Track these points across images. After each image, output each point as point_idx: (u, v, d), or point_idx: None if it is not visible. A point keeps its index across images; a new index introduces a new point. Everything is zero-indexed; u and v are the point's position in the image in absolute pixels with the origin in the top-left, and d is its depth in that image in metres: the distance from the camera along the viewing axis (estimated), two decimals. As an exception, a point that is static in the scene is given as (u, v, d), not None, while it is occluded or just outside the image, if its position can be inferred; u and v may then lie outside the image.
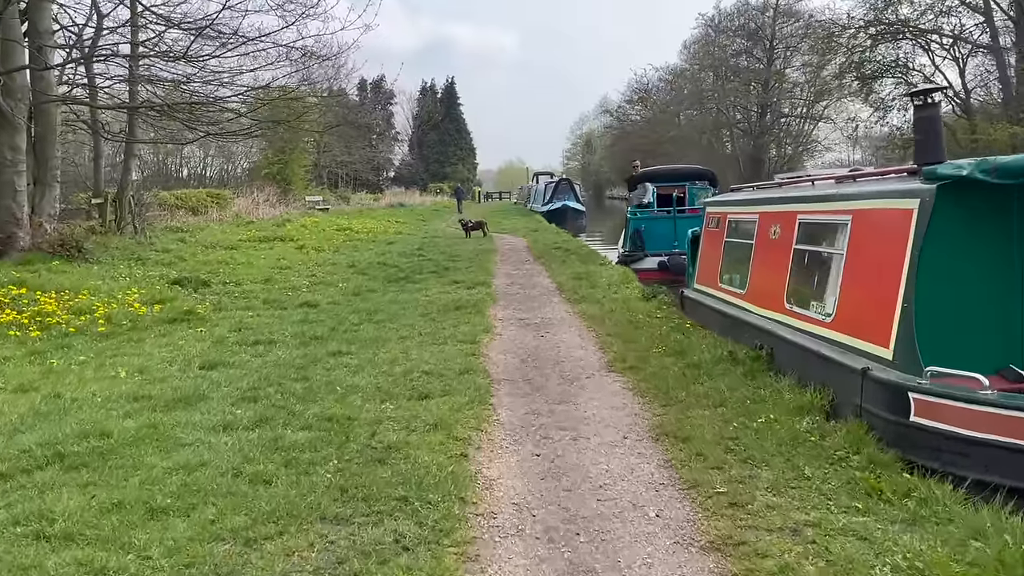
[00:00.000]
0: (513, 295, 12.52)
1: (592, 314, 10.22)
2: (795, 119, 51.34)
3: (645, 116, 69.70)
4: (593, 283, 13.09)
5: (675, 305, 10.53)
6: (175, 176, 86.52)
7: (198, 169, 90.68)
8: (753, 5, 51.47)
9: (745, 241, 8.37)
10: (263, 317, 10.39)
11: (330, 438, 5.16)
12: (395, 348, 8.22)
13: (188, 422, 5.51)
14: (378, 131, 71.24)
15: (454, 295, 12.18)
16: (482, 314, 10.38)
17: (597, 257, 18.18)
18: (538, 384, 6.91)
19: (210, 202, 30.64)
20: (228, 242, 20.21)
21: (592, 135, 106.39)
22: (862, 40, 30.08)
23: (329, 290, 12.93)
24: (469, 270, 15.67)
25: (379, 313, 10.48)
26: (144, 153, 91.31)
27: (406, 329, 9.32)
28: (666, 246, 17.44)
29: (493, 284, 13.64)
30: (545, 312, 10.81)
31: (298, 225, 26.95)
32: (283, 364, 7.51)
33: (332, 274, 15.06)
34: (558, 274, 14.86)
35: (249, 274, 14.34)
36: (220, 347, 8.41)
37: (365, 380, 6.82)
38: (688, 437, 5.12)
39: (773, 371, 6.63)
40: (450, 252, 19.70)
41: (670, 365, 7.17)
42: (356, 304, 11.39)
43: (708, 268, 9.59)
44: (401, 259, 17.81)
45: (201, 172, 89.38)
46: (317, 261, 17.24)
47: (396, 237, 25.95)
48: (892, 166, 8.03)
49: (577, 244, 21.76)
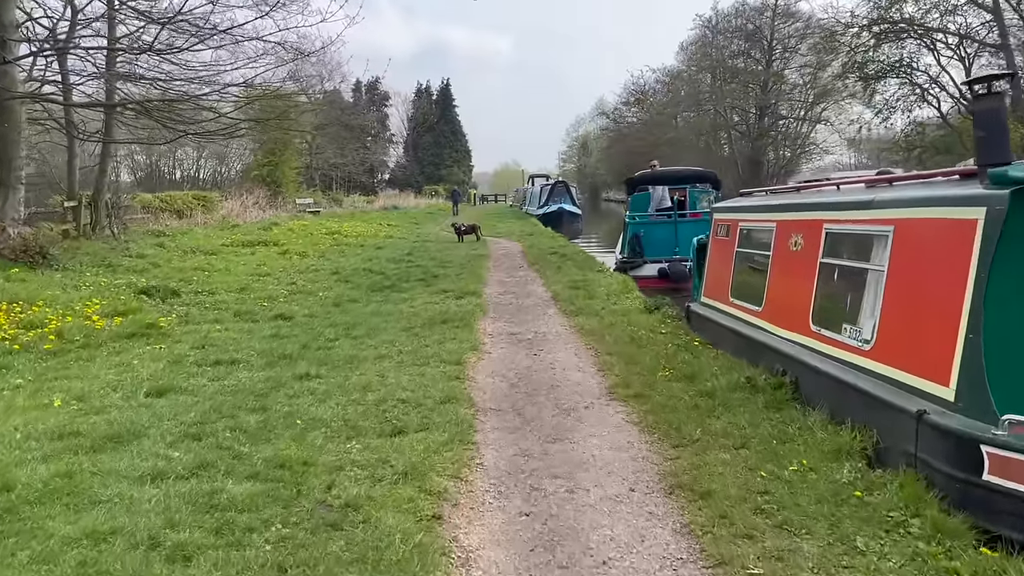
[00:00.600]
0: (505, 306, 11.67)
1: (590, 328, 9.37)
2: (794, 121, 50.62)
3: (642, 118, 68.98)
4: (591, 293, 12.25)
5: (680, 319, 9.69)
6: (168, 178, 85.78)
7: (191, 171, 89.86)
8: (752, 6, 50.78)
9: (760, 252, 7.53)
10: (231, 332, 9.51)
11: (278, 492, 4.29)
12: (371, 370, 7.36)
13: (113, 469, 4.64)
14: (372, 133, 70.42)
15: (441, 306, 11.32)
16: (470, 328, 9.53)
17: (594, 263, 17.34)
18: (530, 415, 6.06)
19: (196, 205, 29.77)
20: (209, 247, 19.34)
21: (588, 137, 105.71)
22: (866, 39, 29.32)
23: (308, 300, 12.05)
24: (459, 277, 14.81)
25: (358, 327, 9.62)
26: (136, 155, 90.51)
27: (385, 346, 8.46)
28: (666, 252, 16.62)
29: (484, 293, 12.79)
30: (539, 326, 9.96)
31: (285, 229, 26.07)
32: (241, 390, 6.64)
33: (314, 282, 14.19)
34: (553, 282, 14.01)
35: (225, 282, 13.45)
36: (176, 368, 7.53)
37: (331, 411, 5.95)
38: (708, 491, 4.26)
39: (799, 402, 5.79)
40: (441, 258, 18.83)
41: (680, 392, 6.32)
42: (334, 317, 10.52)
43: (717, 281, 8.75)
44: (388, 265, 16.94)
45: (195, 174, 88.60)
46: (300, 268, 16.37)
47: (386, 241, 25.09)
48: (898, 169, 7.35)
49: (573, 249, 20.93)
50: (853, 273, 5.67)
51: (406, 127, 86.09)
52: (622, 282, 13.29)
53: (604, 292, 12.33)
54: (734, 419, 5.51)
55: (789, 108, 51.12)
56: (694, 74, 58.86)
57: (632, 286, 12.82)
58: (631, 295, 11.90)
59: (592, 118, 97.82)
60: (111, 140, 18.55)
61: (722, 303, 8.37)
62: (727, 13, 53.76)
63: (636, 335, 8.73)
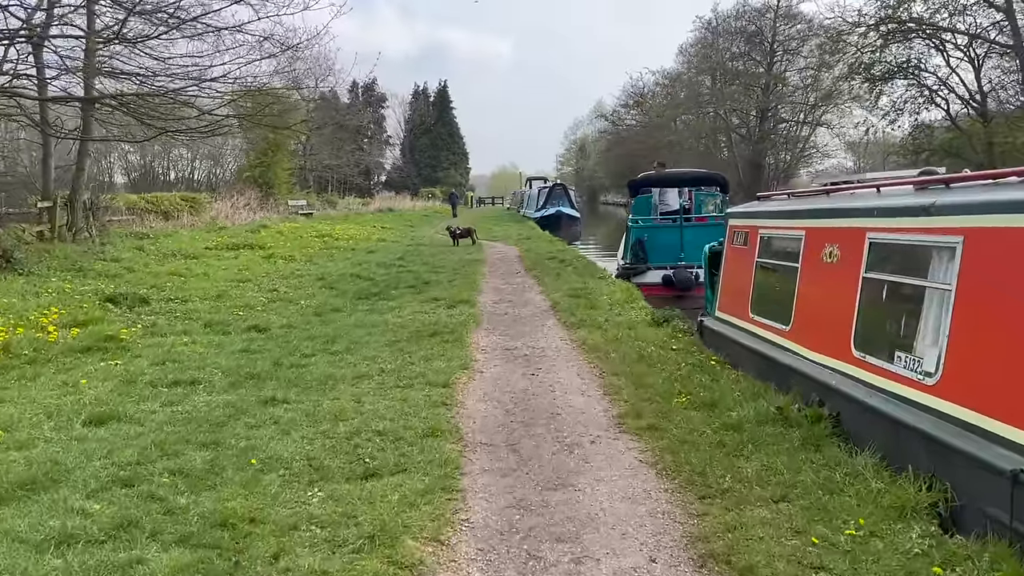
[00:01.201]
0: (501, 316, 10.82)
1: (594, 343, 8.51)
2: (795, 124, 49.90)
3: (641, 121, 68.29)
4: (593, 302, 11.40)
5: (692, 334, 8.85)
6: (162, 179, 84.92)
7: (186, 172, 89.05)
8: (753, 7, 50.08)
9: (785, 264, 6.70)
10: (198, 345, 8.64)
11: (211, 565, 3.43)
12: (346, 393, 6.50)
13: (10, 530, 3.77)
14: (368, 135, 69.65)
15: (432, 316, 10.47)
16: (462, 343, 8.67)
17: (595, 269, 16.49)
18: (526, 452, 5.20)
19: (184, 206, 28.92)
20: (192, 250, 18.49)
21: (586, 140, 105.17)
22: (873, 40, 28.56)
23: (288, 309, 11.19)
24: (452, 284, 13.96)
25: (338, 341, 8.76)
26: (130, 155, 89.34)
27: (366, 364, 7.60)
28: (671, 258, 15.79)
29: (478, 302, 11.94)
30: (537, 339, 9.11)
31: (274, 231, 25.21)
32: (195, 418, 5.78)
33: (296, 289, 13.32)
34: (553, 290, 13.16)
35: (201, 289, 12.58)
36: (127, 390, 6.67)
37: (295, 446, 5.10)
38: (750, 566, 3.41)
39: (841, 439, 4.95)
40: (433, 263, 17.98)
41: (700, 424, 5.47)
42: (314, 328, 9.65)
43: (734, 294, 7.91)
44: (378, 271, 16.08)
45: (189, 175, 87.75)
46: (284, 273, 15.50)
47: (378, 245, 24.23)
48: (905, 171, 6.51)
49: (573, 254, 20.09)
50: (907, 291, 4.83)
51: (403, 129, 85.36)
52: (626, 290, 12.45)
53: (607, 301, 11.49)
54: (768, 461, 4.66)
55: (791, 111, 50.42)
56: (694, 76, 58.17)
57: (637, 296, 11.97)
58: (636, 305, 11.06)
59: (590, 121, 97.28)
60: (87, 138, 17.64)
61: (740, 319, 7.53)
62: (728, 15, 53.13)
63: (645, 352, 7.88)
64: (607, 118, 73.70)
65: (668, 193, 17.14)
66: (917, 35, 28.33)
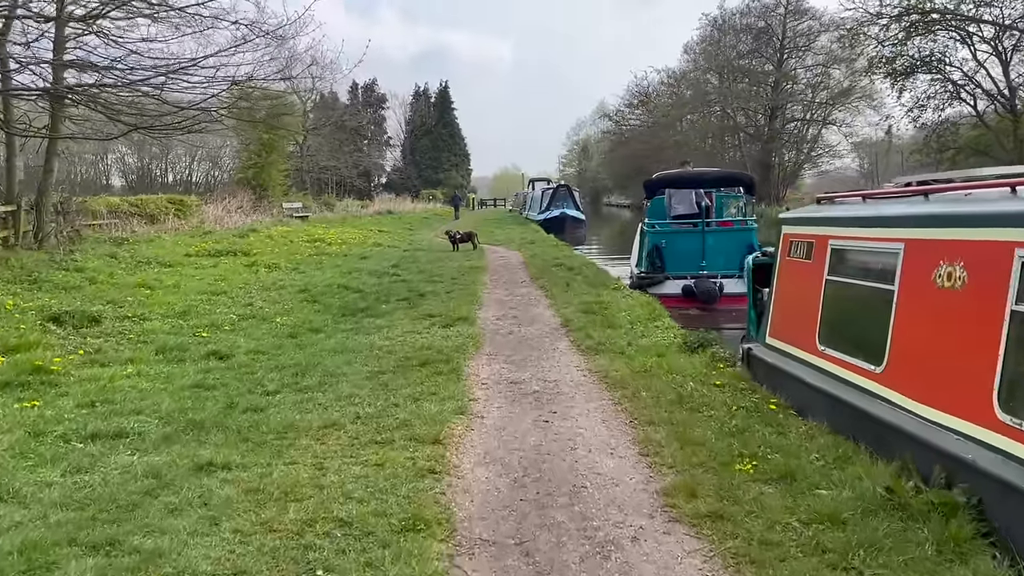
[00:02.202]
0: (504, 337, 9.36)
1: (618, 376, 7.05)
2: (806, 123, 48.42)
3: (645, 121, 66.85)
4: (610, 319, 9.93)
5: (736, 363, 7.38)
6: (160, 181, 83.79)
7: (184, 174, 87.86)
8: (763, 2, 48.58)
9: (873, 284, 5.23)
10: (143, 379, 7.19)
11: None
12: (307, 454, 5.05)
13: None
14: (368, 136, 68.33)
15: (425, 338, 9.02)
16: (459, 374, 7.22)
17: (608, 279, 15.02)
18: (544, 556, 3.73)
19: (172, 209, 27.56)
20: (170, 257, 17.09)
21: (589, 141, 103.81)
22: (895, 32, 27.08)
23: (259, 329, 9.73)
24: (450, 296, 12.51)
25: (310, 373, 7.31)
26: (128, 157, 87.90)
27: (339, 407, 6.14)
28: (691, 267, 14.35)
29: (478, 319, 10.48)
30: (549, 368, 7.64)
31: (264, 236, 23.79)
32: (99, 498, 4.32)
33: (274, 303, 11.86)
34: (563, 303, 11.70)
35: (166, 304, 11.13)
36: (28, 447, 5.21)
37: (219, 551, 3.64)
38: None
39: (991, 540, 3.50)
40: (431, 271, 16.53)
41: (781, 512, 3.99)
42: (285, 354, 8.20)
43: (793, 318, 6.45)
44: (369, 280, 14.63)
45: (187, 177, 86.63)
46: (265, 283, 14.04)
47: (373, 250, 22.79)
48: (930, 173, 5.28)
49: (581, 260, 18.62)
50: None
51: (403, 130, 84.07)
52: (646, 305, 10.98)
53: (626, 318, 10.02)
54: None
55: (802, 109, 48.96)
56: (700, 75, 56.72)
57: (661, 312, 10.50)
58: (661, 324, 9.60)
59: (593, 121, 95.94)
60: (55, 135, 16.19)
61: (803, 349, 6.06)
62: (735, 11, 51.72)
63: (683, 390, 6.41)
64: (611, 118, 72.29)
65: (681, 195, 15.64)
66: (941, 26, 26.83)
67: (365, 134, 67.23)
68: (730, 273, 14.18)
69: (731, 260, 14.43)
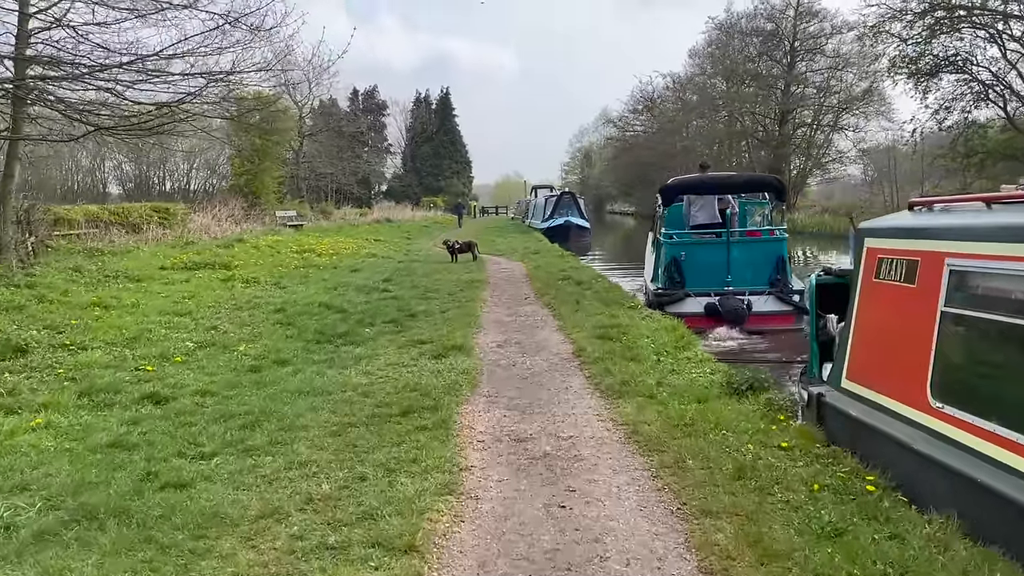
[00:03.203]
0: (506, 371, 7.84)
1: (652, 433, 5.52)
2: (815, 128, 46.92)
3: (650, 127, 65.50)
4: (632, 348, 8.41)
5: (797, 411, 5.86)
6: (158, 189, 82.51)
7: (182, 183, 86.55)
8: (772, 4, 47.22)
9: None
10: (50, 433, 5.69)
11: None
12: (226, 571, 3.54)
13: None
14: (368, 142, 67.07)
15: (411, 373, 7.51)
16: (448, 427, 5.70)
17: (621, 295, 13.50)
18: None
19: (156, 218, 26.16)
20: (142, 270, 15.64)
21: (592, 148, 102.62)
22: (919, 30, 25.60)
23: (216, 361, 8.22)
24: (445, 317, 11.00)
25: (263, 424, 5.80)
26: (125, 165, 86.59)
27: (288, 480, 4.64)
28: (715, 282, 12.81)
29: (476, 346, 8.97)
30: (562, 419, 6.12)
31: (250, 246, 22.34)
32: None
33: (243, 325, 10.36)
34: (573, 325, 10.19)
35: (116, 328, 9.64)
36: None
37: None
38: None
39: None
40: (426, 285, 15.03)
41: None
42: (239, 397, 6.68)
43: (884, 359, 4.92)
44: (356, 297, 13.12)
45: (186, 185, 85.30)
46: (238, 301, 12.53)
47: (366, 261, 21.29)
48: None
49: (590, 273, 17.10)
50: None
51: (404, 137, 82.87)
52: (672, 330, 9.44)
53: (650, 347, 8.50)
54: None
55: (813, 113, 47.48)
56: (707, 79, 55.37)
57: (691, 339, 8.95)
58: (693, 355, 8.06)
59: (596, 128, 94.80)
60: (14, 137, 14.73)
61: (905, 404, 4.53)
62: (743, 14, 50.40)
63: (741, 455, 4.88)
64: (615, 124, 70.90)
65: (701, 202, 14.09)
66: (968, 23, 25.36)
67: (365, 141, 65.99)
68: (759, 289, 12.67)
69: (759, 274, 12.92)
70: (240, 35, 13.66)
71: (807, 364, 6.60)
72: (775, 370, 8.38)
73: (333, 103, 59.99)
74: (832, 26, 44.40)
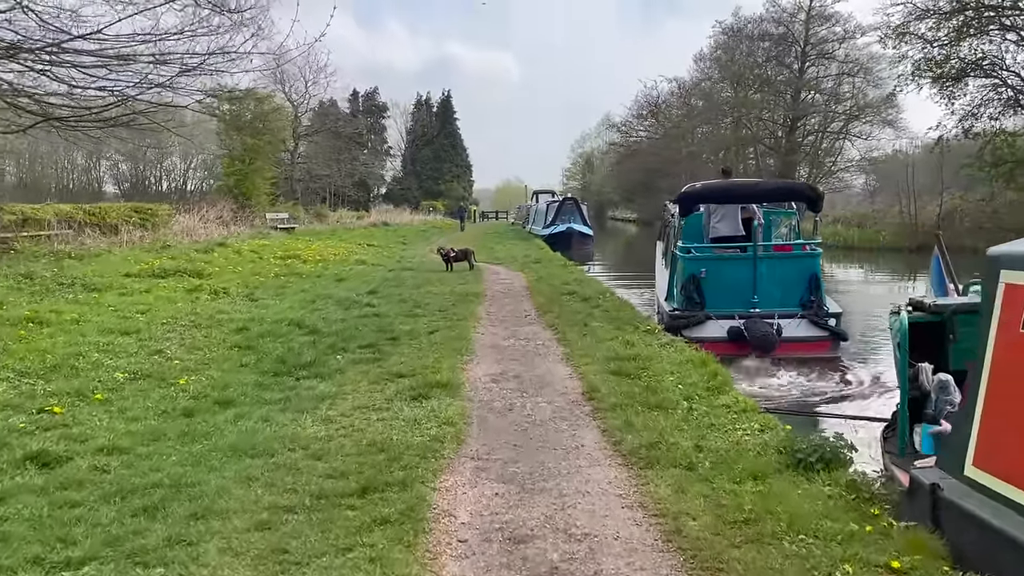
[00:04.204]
0: (501, 418, 6.31)
1: (699, 534, 3.99)
2: (827, 134, 45.43)
3: (655, 132, 64.06)
4: (655, 389, 6.88)
5: (888, 497, 4.34)
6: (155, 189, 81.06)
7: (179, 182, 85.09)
8: (783, 7, 45.77)
9: None
10: None
11: None
12: None
13: None
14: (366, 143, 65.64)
15: (380, 421, 5.98)
16: (417, 520, 4.16)
17: (633, 314, 11.98)
18: None
19: (135, 219, 24.69)
20: (104, 278, 14.15)
21: (593, 154, 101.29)
22: (946, 32, 24.14)
23: (148, 399, 6.67)
24: (432, 340, 9.48)
25: (173, 504, 4.27)
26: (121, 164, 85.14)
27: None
28: (739, 303, 11.29)
29: (465, 382, 7.44)
30: (574, 501, 4.57)
31: (231, 251, 20.85)
32: None
33: (195, 349, 8.82)
34: (581, 354, 8.66)
35: (41, 350, 8.11)
36: None
37: None
38: None
39: None
40: (414, 299, 13.50)
41: None
42: (152, 459, 5.13)
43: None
44: (334, 314, 11.59)
45: (182, 185, 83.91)
46: (199, 316, 10.99)
47: (355, 269, 19.77)
48: None
49: (596, 288, 15.56)
50: None
51: (404, 140, 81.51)
52: (700, 364, 7.89)
53: (676, 386, 6.97)
54: None
55: (822, 120, 46.00)
56: (714, 84, 53.93)
57: (726, 379, 7.36)
58: (731, 399, 6.50)
59: (599, 133, 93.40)
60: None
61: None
62: (752, 18, 48.98)
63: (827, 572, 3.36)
64: (619, 129, 69.39)
65: (723, 211, 12.56)
66: (997, 24, 23.90)
67: (363, 143, 64.61)
68: (789, 311, 11.16)
69: (790, 295, 11.40)
70: (220, 20, 12.24)
71: (891, 424, 5.08)
72: (831, 422, 6.86)
73: (333, 104, 58.64)
74: (845, 30, 42.99)
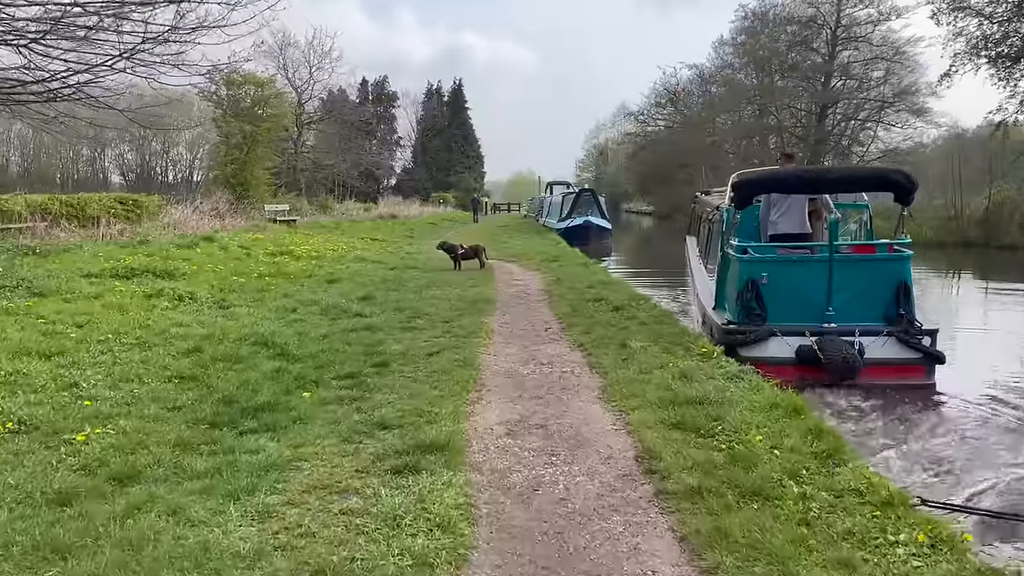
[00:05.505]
0: (520, 509, 4.28)
1: None
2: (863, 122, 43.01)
3: (674, 121, 61.66)
4: (744, 458, 4.81)
5: None
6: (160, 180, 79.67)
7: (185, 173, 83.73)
8: (812, -12, 43.35)
9: None
10: None
11: None
12: None
13: None
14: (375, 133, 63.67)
15: (340, 525, 3.97)
16: None
17: (679, 329, 9.87)
18: None
19: (119, 210, 22.85)
20: (60, 279, 12.34)
21: (607, 145, 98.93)
22: (1006, 8, 21.78)
23: (16, 470, 4.69)
24: (430, 367, 7.45)
25: None
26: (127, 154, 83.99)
27: None
28: (810, 316, 9.17)
29: (471, 439, 5.41)
30: None
31: (217, 247, 18.87)
32: None
33: (123, 381, 6.82)
34: (625, 390, 6.61)
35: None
36: None
37: None
38: None
39: None
40: (414, 306, 11.48)
41: None
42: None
43: None
44: (315, 328, 9.58)
45: (188, 176, 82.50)
46: (149, 331, 8.99)
47: (351, 268, 17.76)
48: None
49: (627, 292, 13.46)
50: None
51: (415, 130, 79.54)
52: (792, 412, 5.79)
53: (772, 453, 4.91)
54: None
55: (854, 107, 43.56)
56: (737, 70, 51.53)
57: (837, 443, 5.24)
58: (858, 479, 4.44)
59: (614, 123, 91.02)
60: None
61: None
62: (775, 2, 46.55)
63: None
64: (637, 118, 67.00)
65: (788, 203, 10.39)
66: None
67: (372, 132, 62.69)
68: (873, 327, 9.02)
69: (872, 306, 9.22)
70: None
71: None
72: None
73: (341, 92, 56.77)
74: (880, 11, 40.50)
